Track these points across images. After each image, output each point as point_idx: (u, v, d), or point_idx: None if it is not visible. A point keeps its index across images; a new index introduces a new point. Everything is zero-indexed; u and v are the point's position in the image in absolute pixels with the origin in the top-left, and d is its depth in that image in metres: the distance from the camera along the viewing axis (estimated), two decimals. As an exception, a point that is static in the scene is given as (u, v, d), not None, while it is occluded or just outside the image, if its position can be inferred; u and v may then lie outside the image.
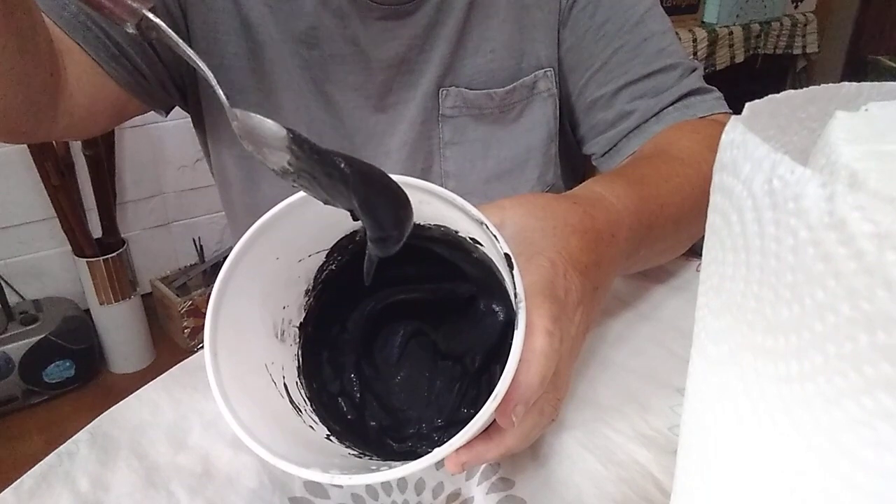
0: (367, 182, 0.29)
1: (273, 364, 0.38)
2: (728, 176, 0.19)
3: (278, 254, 0.37)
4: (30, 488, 0.40)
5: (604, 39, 0.63)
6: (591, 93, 0.65)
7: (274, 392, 0.37)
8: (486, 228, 0.33)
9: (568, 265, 0.38)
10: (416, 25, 0.62)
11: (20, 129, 0.50)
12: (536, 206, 0.41)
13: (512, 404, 0.31)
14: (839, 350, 0.15)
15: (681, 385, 0.47)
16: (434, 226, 0.38)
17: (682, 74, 0.63)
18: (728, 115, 0.62)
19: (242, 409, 0.32)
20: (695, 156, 0.55)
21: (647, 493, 0.39)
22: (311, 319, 0.41)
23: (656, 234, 0.49)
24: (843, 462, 0.16)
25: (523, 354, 0.31)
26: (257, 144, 0.29)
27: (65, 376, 1.61)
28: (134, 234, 1.84)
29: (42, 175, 1.52)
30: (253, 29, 0.60)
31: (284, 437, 0.34)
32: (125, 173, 1.77)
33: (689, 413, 0.24)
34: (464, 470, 0.34)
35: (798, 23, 2.24)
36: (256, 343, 0.38)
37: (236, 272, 0.35)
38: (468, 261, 0.39)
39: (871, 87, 0.23)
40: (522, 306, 0.31)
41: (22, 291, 1.72)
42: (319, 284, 0.41)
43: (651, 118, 0.62)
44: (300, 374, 0.40)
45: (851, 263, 0.14)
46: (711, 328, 0.21)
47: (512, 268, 0.31)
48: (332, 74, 0.62)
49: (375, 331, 0.43)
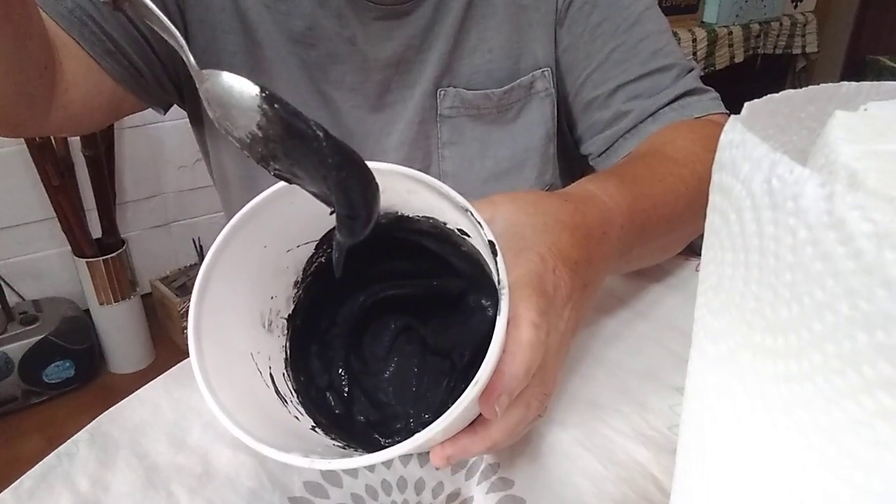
0: (340, 151, 0.27)
1: (259, 353, 0.38)
2: (727, 175, 0.19)
3: (266, 242, 0.37)
4: (30, 488, 0.40)
5: (600, 39, 0.63)
6: (587, 93, 0.65)
7: (259, 381, 0.37)
8: (470, 216, 0.32)
9: (558, 261, 0.38)
10: (413, 25, 0.62)
11: (13, 120, 0.50)
12: (527, 203, 0.41)
13: (495, 394, 0.31)
14: (838, 349, 0.15)
15: (680, 384, 0.47)
16: (423, 217, 0.37)
17: (678, 75, 0.63)
18: (724, 116, 0.62)
19: (225, 395, 0.32)
20: (690, 156, 0.55)
21: (647, 492, 0.39)
22: (299, 312, 0.41)
23: (650, 233, 0.49)
24: (843, 462, 0.16)
25: (508, 345, 0.31)
26: (226, 107, 0.27)
27: (65, 376, 1.61)
28: (134, 235, 1.84)
29: (42, 175, 1.52)
30: (251, 28, 0.60)
31: (266, 424, 0.33)
32: (125, 173, 1.77)
33: (688, 412, 0.24)
34: (450, 463, 0.33)
35: (798, 23, 2.24)
36: (242, 331, 0.37)
37: (222, 257, 0.35)
38: (457, 255, 0.39)
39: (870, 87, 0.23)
40: (505, 293, 0.30)
41: (22, 291, 1.72)
42: (309, 276, 0.41)
43: (647, 118, 0.62)
44: (287, 367, 0.40)
45: (850, 263, 0.14)
46: (710, 327, 0.21)
47: (496, 254, 0.31)
48: (330, 74, 0.62)
49: (365, 325, 0.43)
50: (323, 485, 0.41)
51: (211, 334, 0.34)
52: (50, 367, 1.58)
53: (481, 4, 0.63)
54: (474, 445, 0.34)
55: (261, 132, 0.27)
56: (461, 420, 0.32)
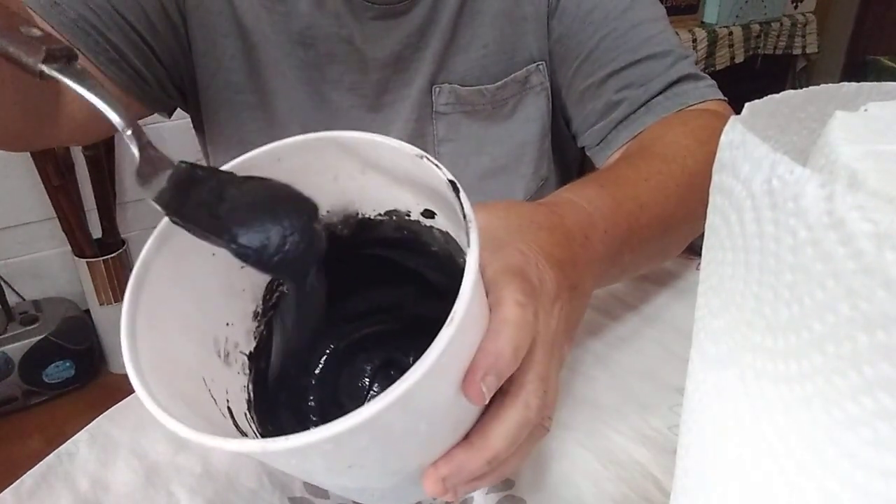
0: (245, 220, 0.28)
1: (214, 382, 0.32)
2: (727, 176, 0.19)
3: (214, 248, 0.31)
4: (30, 488, 0.40)
5: (591, 27, 0.62)
6: (579, 83, 0.64)
7: (212, 406, 0.32)
8: (425, 160, 0.29)
9: (539, 256, 0.35)
10: (411, 24, 0.62)
11: (22, 137, 0.50)
12: (498, 208, 0.39)
13: (480, 372, 0.27)
14: (838, 350, 0.15)
15: (680, 385, 0.47)
16: (384, 214, 0.35)
17: (672, 62, 0.61)
18: (721, 103, 0.61)
19: (162, 395, 0.27)
20: (680, 150, 0.53)
21: (647, 492, 0.39)
22: (263, 352, 0.36)
23: (640, 235, 0.47)
24: (843, 462, 0.16)
25: (492, 325, 0.29)
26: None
27: (65, 376, 1.61)
28: (134, 235, 1.83)
29: (42, 175, 1.52)
30: (248, 31, 0.60)
31: (212, 427, 0.29)
32: (125, 173, 1.77)
33: (688, 413, 0.24)
34: (446, 490, 0.29)
35: (798, 23, 2.24)
36: (191, 349, 0.32)
37: (166, 247, 0.31)
38: (433, 266, 0.36)
39: (870, 87, 0.23)
40: (473, 226, 0.27)
41: (22, 292, 1.71)
42: (270, 310, 0.37)
43: (640, 108, 0.60)
44: (251, 409, 0.35)
45: (850, 263, 0.14)
46: (711, 328, 0.21)
47: (458, 192, 0.28)
48: (328, 74, 0.63)
49: (340, 368, 0.39)
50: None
51: (150, 335, 0.29)
52: (50, 367, 1.58)
53: (476, 0, 0.63)
54: (471, 459, 0.29)
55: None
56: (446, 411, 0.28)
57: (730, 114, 0.61)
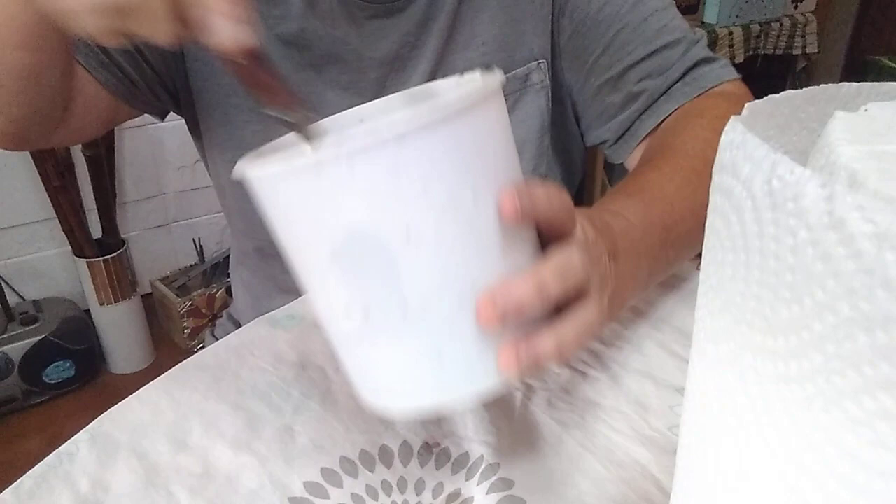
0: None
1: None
2: (728, 176, 0.19)
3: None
4: (30, 488, 0.40)
5: (604, 23, 0.62)
6: (596, 78, 0.64)
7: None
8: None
9: (582, 217, 0.37)
10: (408, 22, 0.62)
11: (23, 136, 0.51)
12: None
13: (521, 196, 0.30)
14: (839, 350, 0.15)
15: (681, 385, 0.47)
16: None
17: (686, 48, 0.62)
18: (736, 82, 0.62)
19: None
20: (699, 143, 0.54)
21: (647, 493, 0.39)
22: None
23: (677, 230, 0.48)
24: (843, 462, 0.16)
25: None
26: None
27: (65, 377, 1.61)
28: (134, 235, 1.84)
29: (42, 175, 1.52)
30: None
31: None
32: (125, 174, 1.77)
33: (688, 413, 0.24)
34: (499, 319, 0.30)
35: (798, 23, 2.24)
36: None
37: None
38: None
39: (870, 88, 0.23)
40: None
41: (22, 292, 1.72)
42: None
43: (660, 97, 0.61)
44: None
45: (851, 263, 0.14)
46: (711, 328, 0.21)
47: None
48: (325, 75, 0.62)
49: None
50: (323, 485, 0.41)
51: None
52: (50, 367, 1.58)
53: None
54: (520, 283, 0.30)
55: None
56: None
57: (745, 93, 0.62)
